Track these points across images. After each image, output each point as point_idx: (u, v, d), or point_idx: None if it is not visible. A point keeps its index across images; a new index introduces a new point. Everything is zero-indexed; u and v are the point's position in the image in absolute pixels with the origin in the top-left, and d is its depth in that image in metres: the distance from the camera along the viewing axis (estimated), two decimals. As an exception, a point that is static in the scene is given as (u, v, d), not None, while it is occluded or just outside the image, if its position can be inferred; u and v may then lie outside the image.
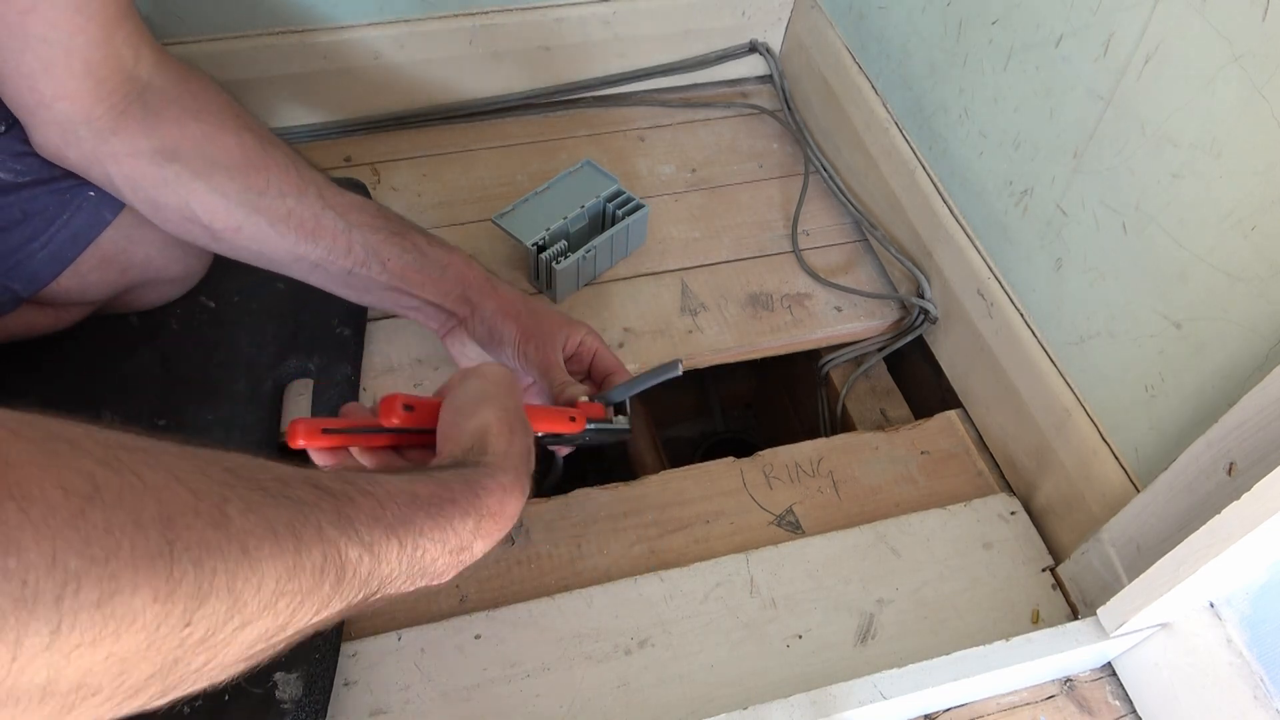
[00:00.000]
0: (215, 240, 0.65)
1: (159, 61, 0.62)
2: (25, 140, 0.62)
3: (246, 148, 0.63)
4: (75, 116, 0.58)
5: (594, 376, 0.71)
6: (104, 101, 0.59)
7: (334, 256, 0.66)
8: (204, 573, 0.28)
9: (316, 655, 0.60)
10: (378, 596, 0.38)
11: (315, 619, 0.34)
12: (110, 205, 0.67)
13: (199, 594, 0.28)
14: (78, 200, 0.65)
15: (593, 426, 0.63)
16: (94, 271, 0.68)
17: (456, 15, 0.93)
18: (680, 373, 0.63)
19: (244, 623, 0.30)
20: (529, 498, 0.48)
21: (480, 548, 0.44)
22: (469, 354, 0.73)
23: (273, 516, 0.32)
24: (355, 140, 0.97)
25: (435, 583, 0.43)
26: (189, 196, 0.62)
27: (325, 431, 0.50)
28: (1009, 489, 0.78)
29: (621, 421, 0.65)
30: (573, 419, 0.61)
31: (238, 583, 0.30)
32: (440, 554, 0.41)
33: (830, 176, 0.97)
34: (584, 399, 0.64)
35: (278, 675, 0.59)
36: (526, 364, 0.68)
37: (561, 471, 0.75)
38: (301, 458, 0.49)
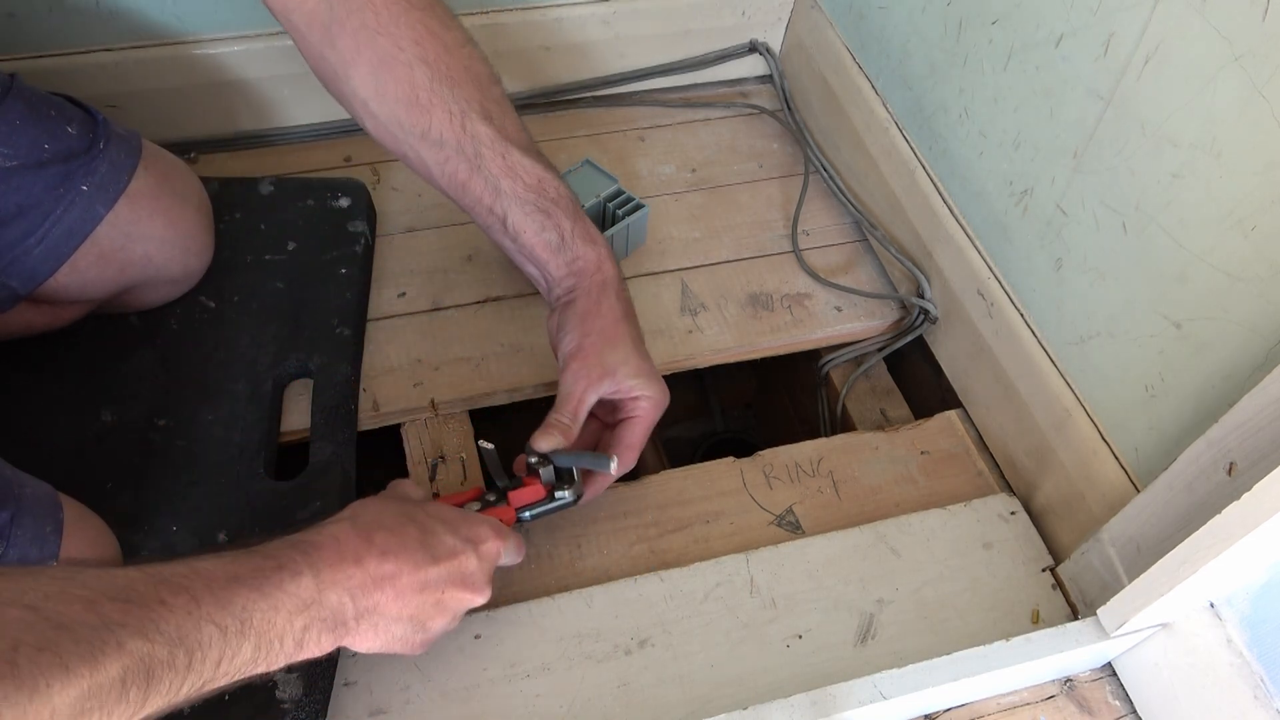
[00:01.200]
0: (402, 162, 0.67)
1: None
2: (10, 122, 0.61)
3: (415, 83, 0.62)
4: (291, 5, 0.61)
5: (614, 434, 0.68)
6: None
7: (480, 209, 0.66)
8: None
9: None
10: (230, 678, 0.43)
11: (137, 715, 0.39)
12: (104, 199, 0.67)
13: None
14: (71, 195, 0.65)
15: (528, 515, 0.65)
16: (92, 268, 0.68)
17: (456, 15, 0.92)
18: (610, 472, 0.63)
19: None
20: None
21: (335, 597, 0.48)
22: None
23: (67, 650, 0.36)
24: (355, 140, 0.97)
25: (314, 649, 0.48)
26: (363, 118, 0.64)
27: None
28: (1009, 489, 0.78)
29: (565, 496, 0.65)
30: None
31: (30, 717, 0.34)
32: (279, 617, 0.45)
33: (830, 176, 0.97)
34: (523, 474, 0.65)
35: (278, 675, 0.59)
36: (561, 378, 0.66)
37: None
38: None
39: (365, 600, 0.50)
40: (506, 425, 0.85)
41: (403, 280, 0.86)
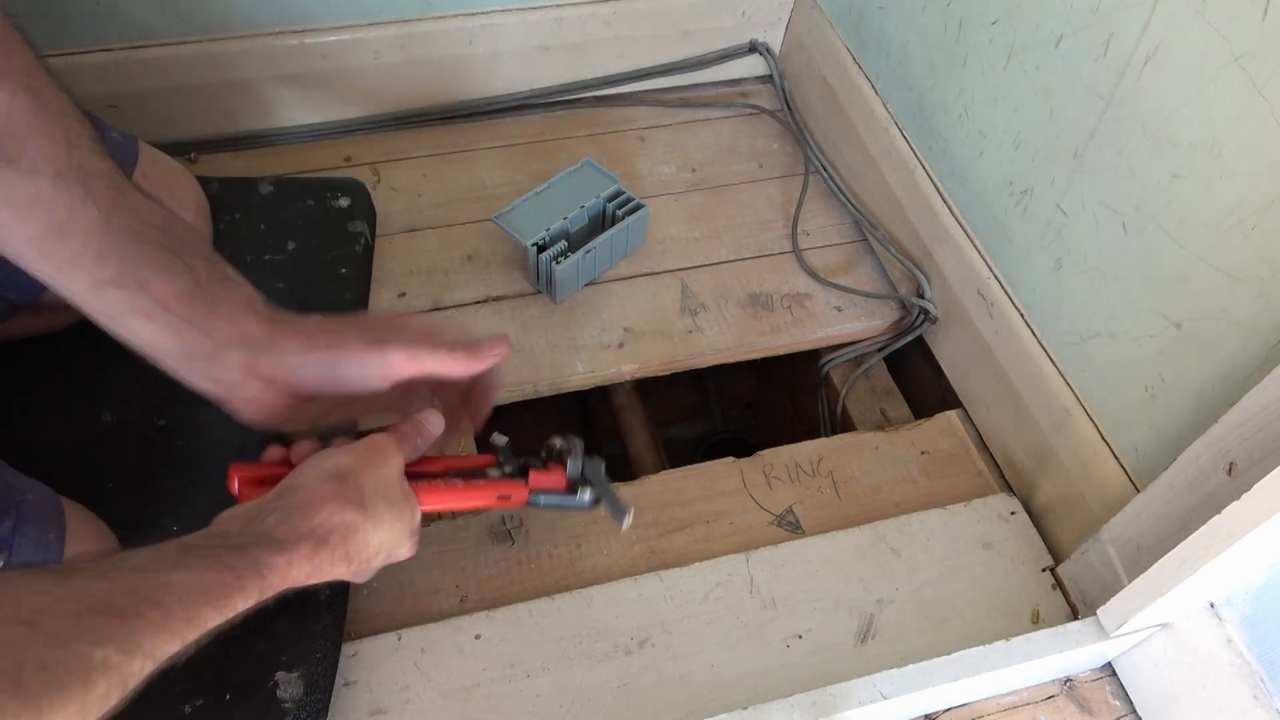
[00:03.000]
0: None
1: None
2: None
3: (13, 110, 0.51)
4: None
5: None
6: None
7: (83, 262, 0.52)
8: None
9: (318, 655, 0.60)
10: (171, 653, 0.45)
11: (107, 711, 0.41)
12: None
13: None
14: None
15: (541, 501, 0.62)
16: None
17: (456, 15, 0.93)
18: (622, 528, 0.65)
19: None
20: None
21: (281, 592, 0.50)
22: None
23: (63, 669, 0.38)
24: (355, 140, 0.97)
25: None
26: None
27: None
28: (1009, 489, 0.78)
29: (583, 498, 0.63)
30: (503, 496, 0.61)
31: None
32: (220, 623, 0.47)
33: (830, 176, 0.97)
34: (538, 468, 0.63)
35: (279, 675, 0.59)
36: (413, 355, 0.57)
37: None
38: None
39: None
40: (506, 425, 0.85)
41: (403, 280, 0.86)
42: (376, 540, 0.54)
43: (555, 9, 0.94)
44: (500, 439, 0.64)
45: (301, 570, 0.50)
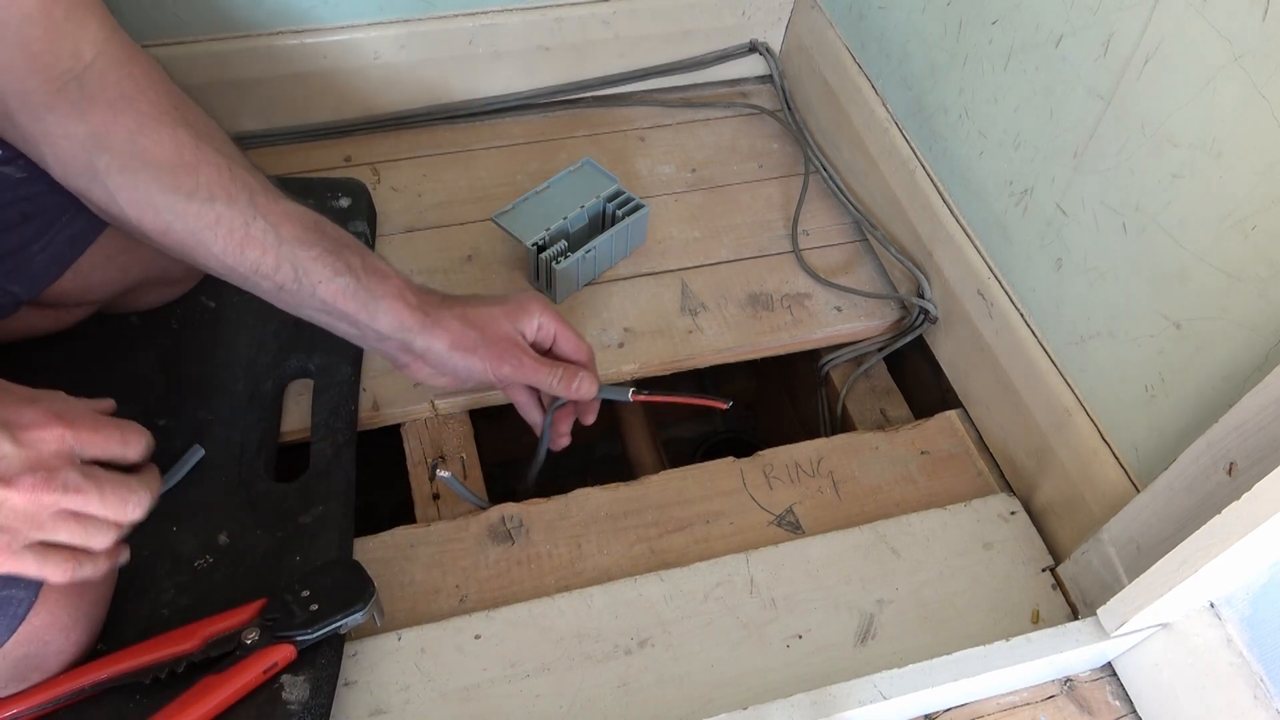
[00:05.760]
0: (147, 238, 0.61)
1: (107, 41, 0.57)
2: None
3: (180, 143, 0.58)
4: (7, 89, 0.54)
5: (560, 354, 0.69)
6: (39, 75, 0.54)
7: (263, 270, 0.60)
8: None
9: (322, 660, 0.60)
10: None
11: None
12: None
13: None
14: (76, 203, 0.64)
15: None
16: (96, 271, 0.68)
17: (456, 15, 0.93)
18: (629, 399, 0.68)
19: None
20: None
21: None
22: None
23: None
24: (355, 140, 0.97)
25: None
26: (116, 191, 0.58)
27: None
28: (1009, 489, 0.78)
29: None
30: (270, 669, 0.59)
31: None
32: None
33: (830, 176, 0.97)
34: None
35: (284, 678, 0.59)
36: (509, 386, 0.67)
37: (542, 464, 0.75)
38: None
39: None
40: (507, 425, 0.85)
41: (403, 280, 0.86)
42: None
43: (555, 9, 0.94)
44: (444, 472, 0.68)
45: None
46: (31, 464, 0.46)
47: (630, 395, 0.68)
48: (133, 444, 0.52)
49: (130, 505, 0.51)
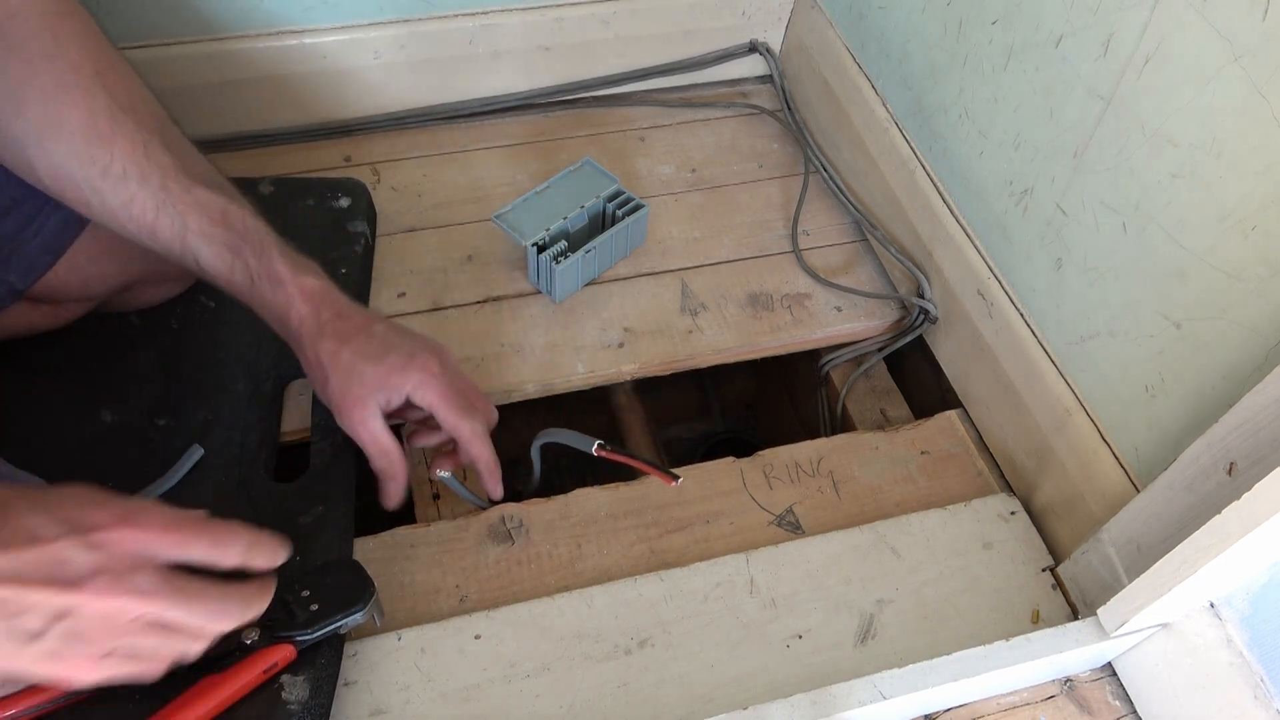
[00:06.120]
0: (81, 212, 0.58)
1: None
2: None
3: (95, 113, 0.54)
4: None
5: (445, 428, 0.64)
6: None
7: (173, 255, 0.58)
8: None
9: (322, 660, 0.60)
10: None
11: None
12: None
13: None
14: None
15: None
16: (92, 264, 0.68)
17: (456, 15, 0.93)
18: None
19: None
20: None
21: None
22: None
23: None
24: (355, 140, 0.97)
25: None
26: (32, 159, 0.54)
27: None
28: (1009, 489, 0.78)
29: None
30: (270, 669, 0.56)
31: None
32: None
33: (830, 176, 0.97)
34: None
35: (284, 678, 0.59)
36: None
37: (539, 479, 0.75)
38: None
39: None
40: (506, 425, 0.85)
41: (403, 280, 0.86)
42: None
43: (555, 9, 0.94)
44: (444, 472, 0.66)
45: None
46: (101, 567, 0.44)
47: (594, 449, 0.65)
48: (228, 548, 0.49)
49: (221, 616, 0.48)
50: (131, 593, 0.44)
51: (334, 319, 0.61)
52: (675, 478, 0.65)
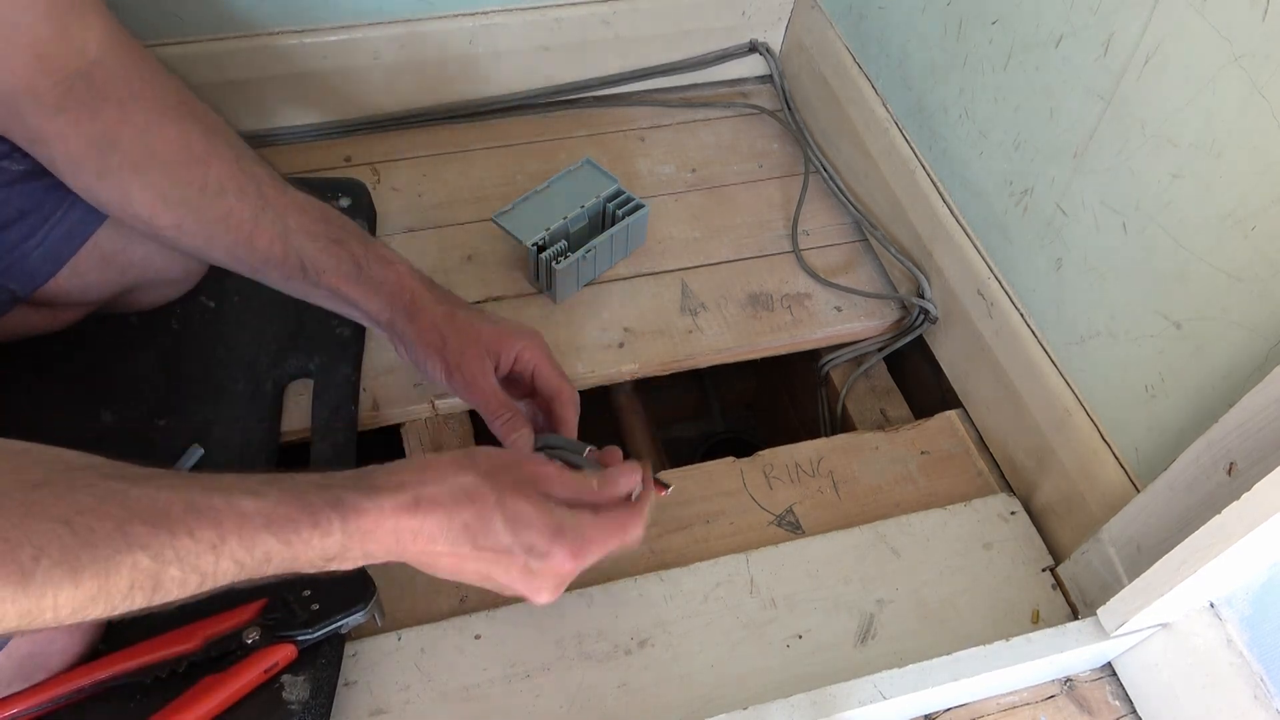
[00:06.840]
0: (158, 235, 0.62)
1: (110, 37, 0.57)
2: None
3: (189, 138, 0.59)
4: (18, 89, 0.55)
5: (540, 394, 0.67)
6: (49, 76, 0.55)
7: (272, 260, 0.62)
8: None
9: (322, 660, 0.60)
10: (236, 577, 0.44)
11: (142, 605, 0.41)
12: None
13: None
14: (71, 198, 0.64)
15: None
16: (93, 271, 0.68)
17: (456, 15, 0.93)
18: (585, 456, 0.63)
19: (57, 620, 0.39)
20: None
21: (361, 554, 0.48)
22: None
23: (84, 565, 0.38)
24: (355, 140, 0.97)
25: (326, 566, 0.47)
26: (128, 189, 0.59)
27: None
28: (1009, 489, 0.78)
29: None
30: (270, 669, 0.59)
31: (34, 615, 0.38)
32: (299, 564, 0.46)
33: (830, 176, 0.97)
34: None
35: (285, 677, 0.59)
36: (460, 396, 0.65)
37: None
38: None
39: (385, 550, 0.49)
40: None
41: (403, 280, 0.86)
42: (505, 537, 0.50)
43: (555, 9, 0.94)
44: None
45: (389, 525, 0.47)
46: (546, 583, 0.54)
47: (586, 454, 0.64)
48: (631, 531, 0.57)
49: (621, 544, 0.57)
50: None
51: (442, 291, 0.67)
52: (666, 486, 0.65)
